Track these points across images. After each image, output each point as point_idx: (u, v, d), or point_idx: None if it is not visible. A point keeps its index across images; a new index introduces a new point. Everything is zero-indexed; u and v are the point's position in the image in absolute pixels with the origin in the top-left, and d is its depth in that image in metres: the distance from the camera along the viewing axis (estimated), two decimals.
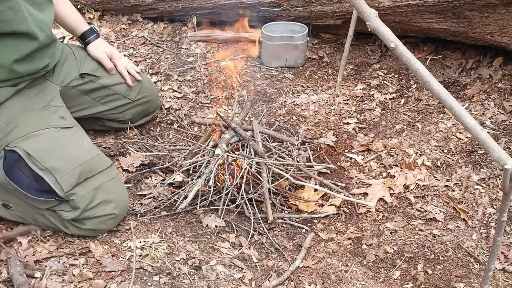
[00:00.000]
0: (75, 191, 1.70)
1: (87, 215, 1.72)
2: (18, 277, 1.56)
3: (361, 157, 2.30)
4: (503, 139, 2.34)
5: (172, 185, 2.06)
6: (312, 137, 2.42)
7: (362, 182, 2.17)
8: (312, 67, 2.96)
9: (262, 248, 1.87)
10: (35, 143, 1.72)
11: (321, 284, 1.72)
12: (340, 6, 2.82)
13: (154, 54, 2.98)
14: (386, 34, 1.32)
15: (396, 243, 1.90)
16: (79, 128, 1.89)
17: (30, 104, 1.81)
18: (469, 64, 2.84)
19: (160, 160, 2.18)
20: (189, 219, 1.94)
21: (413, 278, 1.77)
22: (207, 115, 2.49)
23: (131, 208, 1.93)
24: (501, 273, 1.77)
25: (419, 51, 2.98)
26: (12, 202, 1.77)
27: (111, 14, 3.22)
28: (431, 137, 2.41)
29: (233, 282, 1.67)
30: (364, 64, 2.98)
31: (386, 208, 2.05)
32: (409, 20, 2.72)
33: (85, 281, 1.61)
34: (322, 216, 2.01)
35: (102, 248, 1.75)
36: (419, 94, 2.71)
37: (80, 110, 2.11)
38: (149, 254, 1.73)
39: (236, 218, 1.96)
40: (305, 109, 2.61)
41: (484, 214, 2.01)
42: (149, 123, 2.43)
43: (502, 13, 2.46)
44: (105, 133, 2.34)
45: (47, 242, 1.77)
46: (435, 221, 1.99)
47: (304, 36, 2.86)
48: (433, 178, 2.18)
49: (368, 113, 2.58)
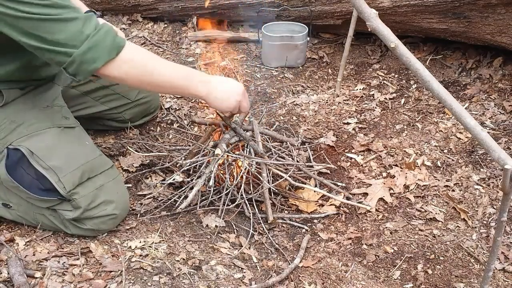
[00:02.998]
0: (77, 191, 1.70)
1: (88, 215, 1.73)
2: (18, 277, 1.57)
3: (361, 157, 2.30)
4: (503, 139, 2.34)
5: (172, 185, 2.06)
6: (312, 137, 2.42)
7: (362, 182, 2.17)
8: (312, 67, 2.96)
9: (262, 248, 1.87)
10: (38, 142, 1.72)
11: (321, 284, 1.72)
12: (340, 6, 2.82)
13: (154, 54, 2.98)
14: (386, 34, 1.32)
15: (396, 243, 1.90)
16: (81, 128, 1.90)
17: (34, 103, 1.81)
18: (469, 64, 2.84)
19: (160, 160, 2.18)
20: (189, 219, 1.94)
21: (413, 278, 1.77)
22: (207, 115, 2.49)
23: (131, 208, 1.94)
24: (501, 273, 1.77)
25: (419, 51, 2.98)
26: (12, 202, 1.77)
27: (111, 14, 3.22)
28: (431, 137, 2.41)
29: (233, 282, 1.68)
30: (364, 64, 2.98)
31: (386, 208, 2.05)
32: (409, 20, 2.72)
33: (85, 281, 1.61)
34: (322, 216, 2.01)
35: (102, 248, 1.75)
36: (419, 94, 2.71)
37: (80, 110, 2.11)
38: (149, 254, 1.73)
39: (236, 218, 1.96)
40: (305, 109, 2.61)
41: (484, 214, 2.01)
42: (149, 123, 2.43)
43: (502, 13, 2.46)
44: (105, 133, 2.34)
45: (47, 242, 1.77)
46: (435, 221, 1.99)
47: (304, 36, 2.86)
48: (433, 178, 2.18)
49: (368, 113, 2.58)
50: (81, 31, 1.52)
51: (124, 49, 1.59)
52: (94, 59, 1.54)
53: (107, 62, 1.56)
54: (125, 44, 1.60)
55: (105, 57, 1.55)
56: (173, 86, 1.74)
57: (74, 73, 1.56)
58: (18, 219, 1.80)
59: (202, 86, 1.75)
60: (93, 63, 1.55)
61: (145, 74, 1.66)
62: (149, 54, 1.73)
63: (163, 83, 1.71)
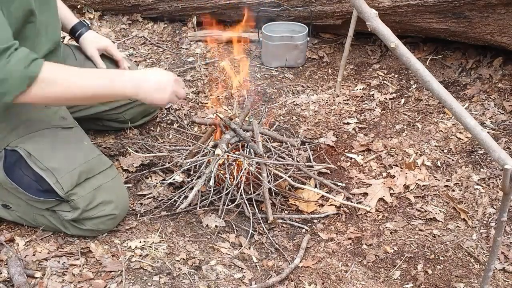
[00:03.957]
0: (76, 191, 1.70)
1: (87, 216, 1.72)
2: (18, 277, 1.57)
3: (361, 157, 2.30)
4: (503, 139, 2.34)
5: (172, 185, 2.06)
6: (312, 137, 2.42)
7: (362, 182, 2.17)
8: (312, 67, 2.96)
9: (262, 248, 1.87)
10: (36, 143, 1.72)
11: (321, 284, 1.72)
12: (340, 6, 2.82)
13: (154, 54, 2.98)
14: (386, 34, 1.32)
15: (396, 243, 1.90)
16: (79, 129, 1.89)
17: (31, 104, 1.81)
18: (469, 64, 2.84)
19: (160, 160, 2.18)
20: (189, 219, 1.94)
21: (413, 278, 1.77)
22: (207, 115, 2.49)
23: (131, 208, 1.94)
24: (501, 273, 1.77)
25: (419, 51, 2.98)
26: (12, 203, 1.77)
27: (111, 14, 3.23)
28: (431, 137, 2.41)
29: (233, 282, 1.68)
30: (364, 64, 2.98)
31: (386, 208, 2.05)
32: (409, 20, 2.72)
33: (85, 281, 1.61)
34: (322, 216, 2.01)
35: (102, 248, 1.75)
36: (419, 94, 2.71)
37: (80, 110, 2.11)
38: (149, 254, 1.73)
39: (236, 218, 1.96)
40: (305, 109, 2.61)
41: (484, 214, 2.01)
42: (149, 123, 2.43)
43: (502, 13, 2.46)
44: (105, 133, 2.34)
45: (47, 242, 1.77)
46: (435, 221, 1.99)
47: (304, 36, 2.86)
48: (433, 178, 2.18)
49: (368, 113, 2.58)
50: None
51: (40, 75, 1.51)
52: (5, 93, 1.49)
53: (21, 93, 1.50)
54: (38, 71, 1.51)
55: (16, 90, 1.49)
56: (97, 93, 1.65)
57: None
58: (17, 220, 1.80)
59: (129, 83, 1.66)
60: (4, 96, 1.49)
61: (67, 92, 1.59)
62: (67, 71, 1.64)
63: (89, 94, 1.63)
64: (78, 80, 1.61)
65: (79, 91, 1.61)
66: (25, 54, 1.50)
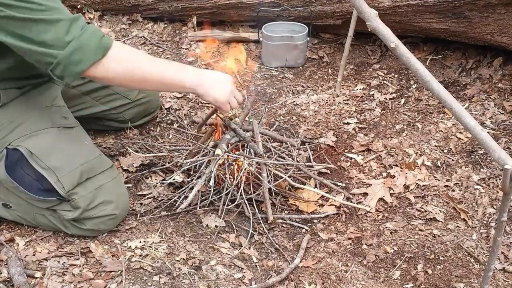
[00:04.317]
0: (76, 191, 1.70)
1: (88, 215, 1.73)
2: (18, 277, 1.57)
3: (361, 157, 2.30)
4: (503, 139, 2.34)
5: (172, 185, 2.06)
6: (312, 137, 2.42)
7: (362, 182, 2.17)
8: (312, 67, 2.96)
9: (262, 248, 1.87)
10: (37, 142, 1.72)
11: (321, 284, 1.72)
12: (340, 6, 2.82)
13: (154, 54, 2.98)
14: (386, 34, 1.32)
15: (396, 243, 1.90)
16: (81, 128, 1.89)
17: (33, 103, 1.81)
18: (469, 64, 2.84)
19: (160, 160, 2.18)
20: (189, 219, 1.94)
21: (413, 278, 1.77)
22: None
23: (131, 208, 1.94)
24: (501, 273, 1.78)
25: (419, 51, 2.98)
26: (12, 202, 1.77)
27: (111, 14, 3.22)
28: (431, 137, 2.41)
29: (233, 282, 1.68)
30: (364, 64, 2.98)
31: (386, 208, 2.05)
32: (409, 20, 2.72)
33: (85, 281, 1.61)
34: (322, 216, 2.01)
35: (102, 248, 1.75)
36: (419, 94, 2.71)
37: (80, 110, 2.11)
38: (149, 254, 1.73)
39: (236, 218, 1.96)
40: (305, 109, 2.61)
41: (484, 214, 2.01)
42: (149, 123, 2.43)
43: (502, 13, 2.46)
44: (105, 133, 2.34)
45: (47, 242, 1.77)
46: (435, 221, 1.99)
47: (304, 36, 2.86)
48: (433, 178, 2.18)
49: (368, 113, 2.58)
50: (66, 32, 1.50)
51: (111, 50, 1.57)
52: (80, 61, 1.52)
53: (94, 64, 1.54)
54: (111, 44, 1.57)
55: (91, 59, 1.53)
56: (165, 81, 1.71)
57: (60, 76, 1.54)
58: (18, 219, 1.80)
59: (195, 78, 1.74)
60: (79, 64, 1.52)
61: (134, 72, 1.64)
62: (137, 52, 1.71)
63: (154, 79, 1.68)
64: (148, 63, 1.67)
65: (148, 74, 1.66)
66: (97, 28, 1.57)
